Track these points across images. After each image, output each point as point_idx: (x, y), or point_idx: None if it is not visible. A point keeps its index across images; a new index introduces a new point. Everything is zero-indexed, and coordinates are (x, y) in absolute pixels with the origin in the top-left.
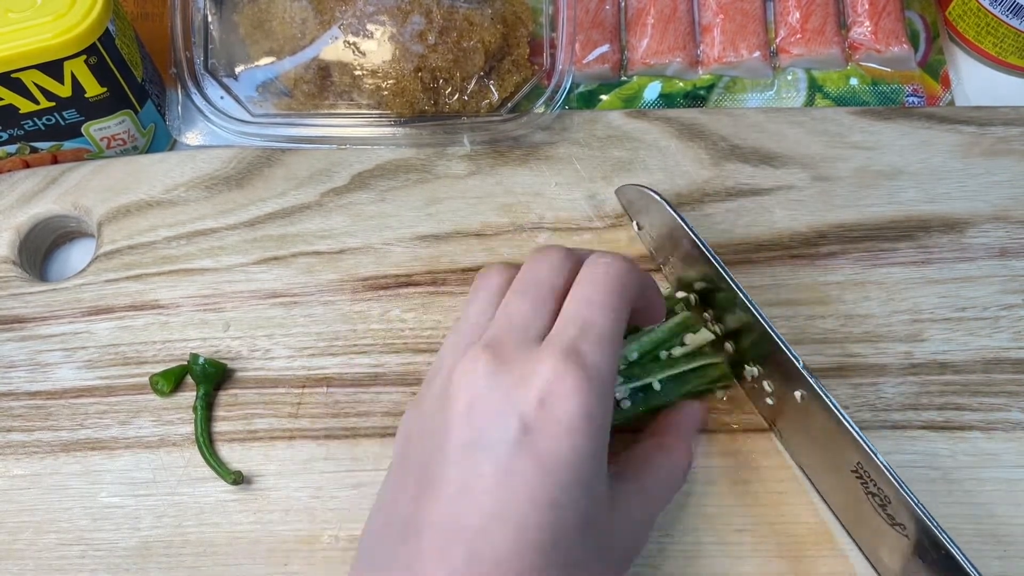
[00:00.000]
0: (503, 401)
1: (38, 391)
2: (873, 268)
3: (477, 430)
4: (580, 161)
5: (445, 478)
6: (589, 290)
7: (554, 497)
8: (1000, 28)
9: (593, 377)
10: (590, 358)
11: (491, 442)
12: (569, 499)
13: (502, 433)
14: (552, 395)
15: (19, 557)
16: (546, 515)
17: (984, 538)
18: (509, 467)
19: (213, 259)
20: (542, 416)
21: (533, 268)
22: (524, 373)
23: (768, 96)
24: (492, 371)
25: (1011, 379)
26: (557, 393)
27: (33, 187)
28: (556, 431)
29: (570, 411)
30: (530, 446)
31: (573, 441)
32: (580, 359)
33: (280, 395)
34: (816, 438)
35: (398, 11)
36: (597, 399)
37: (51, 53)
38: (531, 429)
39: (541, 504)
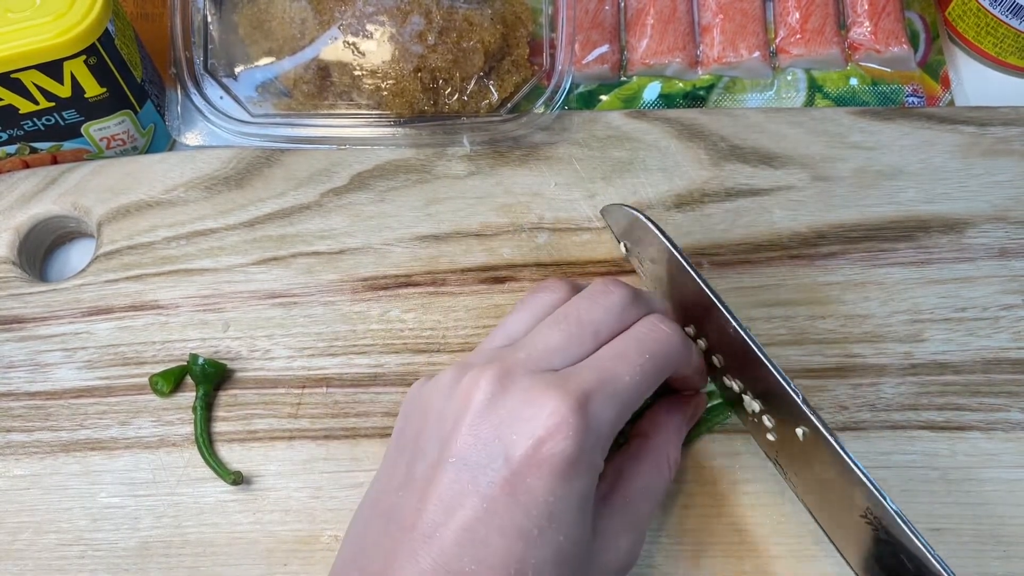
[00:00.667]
0: (499, 428)
1: (38, 391)
2: (873, 268)
3: (470, 448)
4: (580, 161)
5: (432, 483)
6: (628, 345)
7: (526, 532)
8: (1000, 28)
9: (592, 429)
10: (596, 409)
11: (478, 465)
12: (542, 536)
13: (491, 460)
14: (547, 437)
15: (19, 557)
16: (515, 546)
17: (984, 538)
18: (489, 495)
19: (213, 259)
20: (532, 454)
21: (586, 302)
22: (527, 403)
23: (768, 96)
24: (495, 391)
25: (1011, 379)
26: (552, 437)
27: (33, 187)
28: (541, 472)
29: (560, 456)
30: (513, 480)
31: (555, 485)
32: (586, 408)
33: (280, 395)
34: (820, 478)
35: (398, 11)
36: (590, 450)
37: (51, 53)
38: (519, 464)
39: (511, 536)
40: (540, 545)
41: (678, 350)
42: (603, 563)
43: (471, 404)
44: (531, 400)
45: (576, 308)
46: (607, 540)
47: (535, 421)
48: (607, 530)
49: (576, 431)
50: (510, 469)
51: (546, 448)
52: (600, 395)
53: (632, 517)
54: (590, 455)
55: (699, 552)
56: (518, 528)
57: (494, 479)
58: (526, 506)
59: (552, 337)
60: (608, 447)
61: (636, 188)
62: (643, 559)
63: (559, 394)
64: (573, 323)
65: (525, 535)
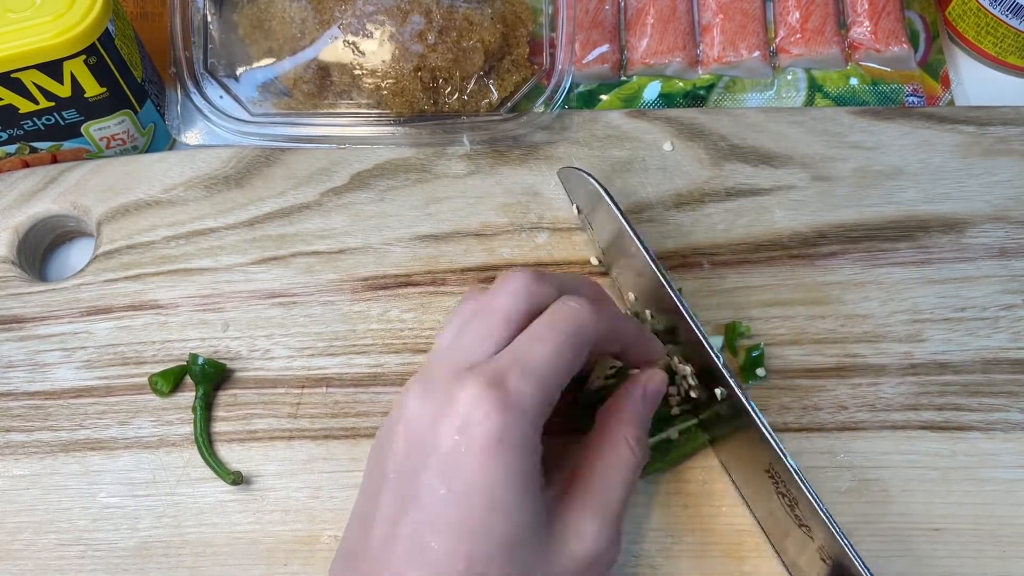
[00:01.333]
0: (426, 429)
1: (37, 391)
2: (873, 268)
3: (404, 459)
4: (580, 161)
5: (378, 506)
6: (541, 326)
7: (466, 525)
8: (1000, 28)
9: (512, 405)
10: (513, 385)
11: (412, 471)
12: (486, 527)
13: (422, 462)
14: (469, 422)
15: (18, 557)
16: (461, 544)
17: (983, 538)
18: (426, 497)
19: (212, 259)
20: (457, 442)
21: (492, 293)
22: (447, 400)
23: (768, 96)
24: (420, 398)
25: (1010, 379)
26: (473, 419)
27: (32, 187)
28: (469, 457)
29: (483, 436)
30: (445, 473)
31: (487, 468)
32: (502, 386)
33: (279, 395)
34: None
35: (397, 11)
36: (515, 426)
37: (50, 53)
38: (448, 457)
39: (456, 533)
40: (485, 537)
41: (590, 321)
42: (568, 550)
43: (401, 418)
44: (449, 396)
45: (486, 302)
46: (568, 525)
47: (454, 411)
48: (567, 515)
49: (495, 408)
50: (440, 463)
51: (470, 432)
52: (515, 372)
53: (595, 500)
54: (517, 431)
55: (700, 552)
56: (459, 524)
57: (427, 479)
58: (466, 498)
59: (468, 337)
60: (539, 425)
61: (636, 188)
62: (643, 559)
63: (472, 380)
64: (484, 315)
65: (468, 529)
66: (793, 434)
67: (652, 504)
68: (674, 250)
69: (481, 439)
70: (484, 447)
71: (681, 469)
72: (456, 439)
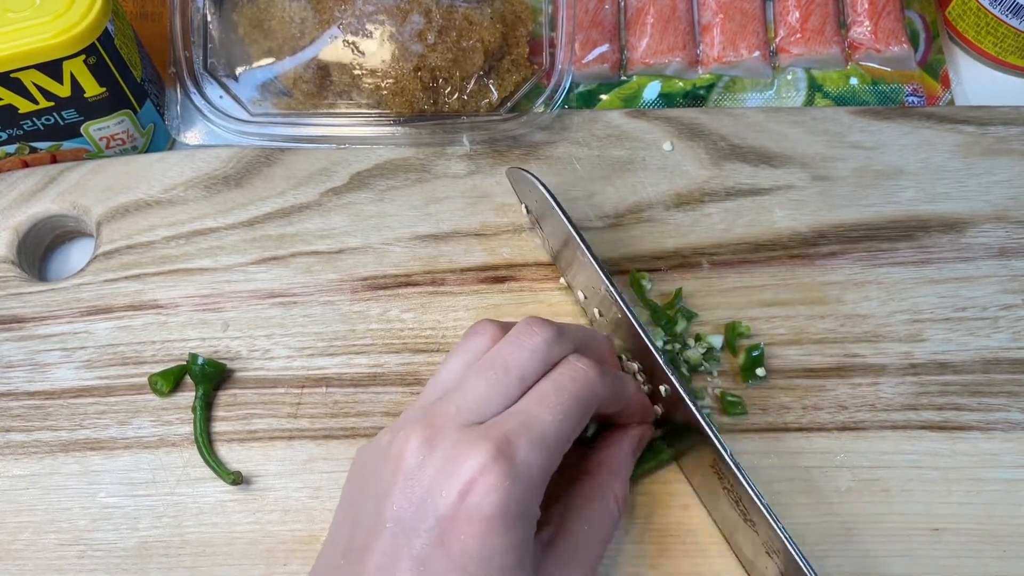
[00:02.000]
0: (428, 488)
1: (37, 391)
2: (873, 268)
3: (403, 511)
4: (579, 161)
5: (370, 550)
6: (549, 388)
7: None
8: (1000, 28)
9: (520, 475)
10: (521, 455)
11: (412, 528)
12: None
13: (422, 521)
14: (474, 488)
15: (18, 557)
16: None
17: (983, 538)
18: (423, 556)
19: (212, 259)
20: (461, 509)
21: (511, 347)
22: (453, 459)
23: (768, 96)
24: (423, 451)
25: (1010, 379)
26: (479, 487)
27: (32, 187)
28: (472, 527)
29: (489, 506)
30: (446, 539)
31: (488, 538)
32: (511, 454)
33: (279, 395)
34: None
35: (397, 10)
36: (519, 497)
37: (50, 53)
38: (449, 522)
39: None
40: None
41: (597, 386)
42: None
43: (401, 466)
44: (456, 455)
45: (502, 354)
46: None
47: (460, 475)
48: (553, 563)
49: (501, 479)
50: (442, 528)
51: (473, 500)
52: (523, 440)
53: (580, 557)
54: (521, 502)
55: (700, 552)
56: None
57: (427, 539)
58: (461, 563)
59: (479, 387)
60: (542, 491)
61: (636, 187)
62: (643, 559)
63: (482, 445)
64: (500, 370)
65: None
66: (793, 434)
67: (651, 505)
68: (674, 250)
69: (485, 510)
70: (486, 517)
71: (679, 469)
72: (458, 504)
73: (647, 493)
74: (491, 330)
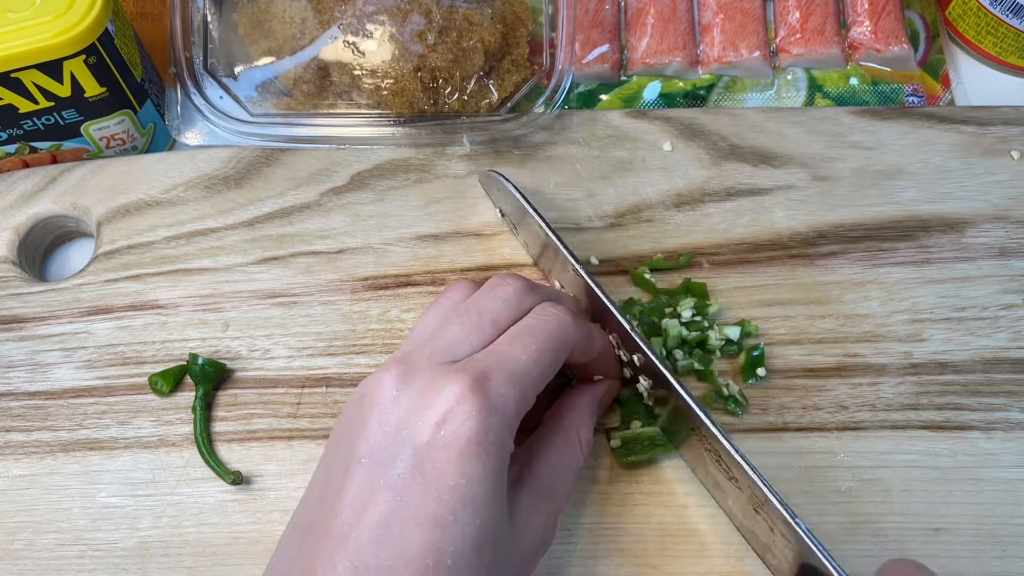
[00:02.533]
0: (404, 419)
1: (37, 391)
2: (873, 268)
3: (378, 444)
4: (580, 161)
5: (345, 487)
6: (522, 328)
7: (440, 519)
8: (1000, 28)
9: (495, 407)
10: (496, 388)
11: (387, 459)
12: (457, 522)
13: (398, 451)
14: (450, 418)
15: (18, 557)
16: (431, 536)
17: (984, 538)
18: (399, 486)
19: (212, 259)
20: (437, 438)
21: (483, 295)
22: (428, 392)
23: (768, 96)
24: (398, 386)
25: (1011, 379)
26: (455, 416)
27: (32, 187)
28: (446, 453)
29: (464, 435)
30: (422, 467)
31: (463, 466)
32: (487, 387)
33: (279, 395)
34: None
35: (398, 11)
36: (494, 428)
37: (50, 53)
38: (425, 450)
39: (426, 525)
40: (456, 531)
41: (570, 329)
42: (520, 543)
43: (376, 402)
44: (431, 388)
45: (475, 301)
46: (522, 520)
47: (436, 406)
48: (521, 510)
49: (477, 409)
50: (418, 457)
51: (449, 429)
52: (498, 375)
53: (545, 495)
54: (496, 433)
55: (701, 552)
56: (432, 516)
57: (403, 470)
58: (438, 492)
59: (452, 330)
60: (515, 427)
61: (636, 187)
62: (644, 559)
63: (458, 377)
64: (473, 315)
65: (440, 523)
66: (793, 434)
67: (651, 504)
68: (674, 250)
69: (461, 438)
70: (462, 446)
71: (679, 469)
72: (435, 434)
73: (647, 493)
74: (465, 286)
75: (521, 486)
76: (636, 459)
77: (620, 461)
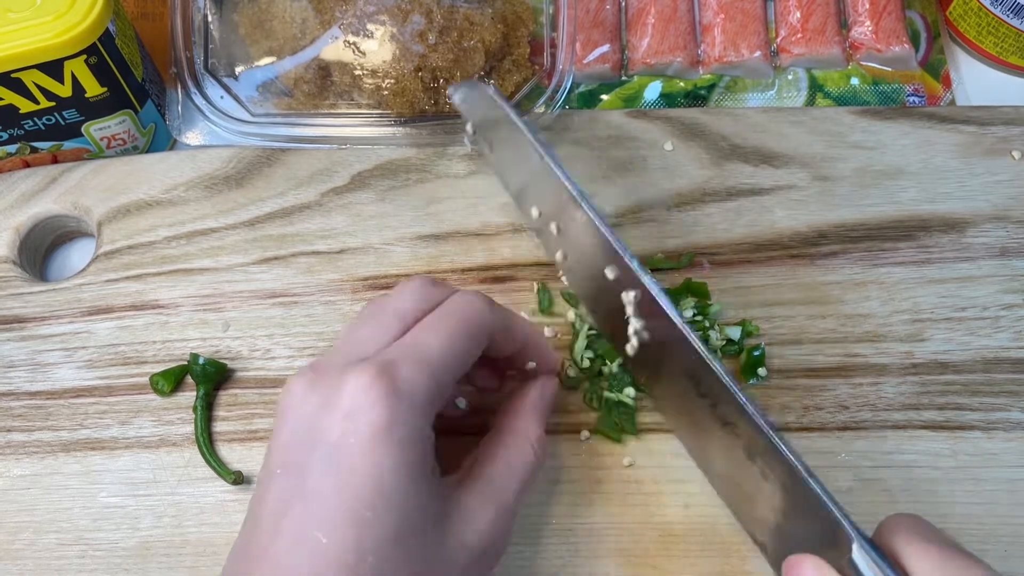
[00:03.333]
0: (311, 419)
1: (38, 391)
2: (873, 268)
3: (290, 452)
4: (580, 161)
5: (264, 502)
6: (434, 317)
7: (357, 514)
8: (1001, 28)
9: (402, 391)
10: (403, 373)
11: (299, 463)
12: (373, 515)
13: (310, 454)
14: (356, 408)
15: (18, 557)
16: (348, 533)
17: (985, 537)
18: (313, 489)
19: (213, 259)
20: (345, 430)
21: (390, 295)
22: (334, 390)
23: (769, 96)
24: (307, 389)
25: (1011, 379)
26: (360, 406)
27: (33, 187)
28: (357, 446)
29: (371, 423)
30: (331, 463)
31: (374, 455)
32: (392, 374)
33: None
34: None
35: (398, 11)
36: (403, 414)
37: (51, 53)
38: (336, 447)
39: (341, 524)
40: (374, 525)
41: (483, 313)
42: (461, 540)
43: (286, 411)
44: (339, 384)
45: (381, 302)
46: (464, 516)
47: (342, 400)
48: (464, 507)
49: (383, 395)
50: (329, 455)
51: (357, 419)
52: (406, 361)
53: (492, 494)
54: (407, 419)
55: (701, 552)
56: (347, 514)
57: (318, 471)
58: (354, 487)
59: (360, 330)
60: (430, 414)
61: (637, 187)
62: (643, 560)
63: (362, 368)
64: (378, 313)
65: (356, 518)
66: (794, 434)
67: (651, 504)
68: (675, 250)
69: (369, 427)
70: (372, 435)
71: (680, 469)
72: (343, 428)
73: (647, 493)
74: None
75: (467, 484)
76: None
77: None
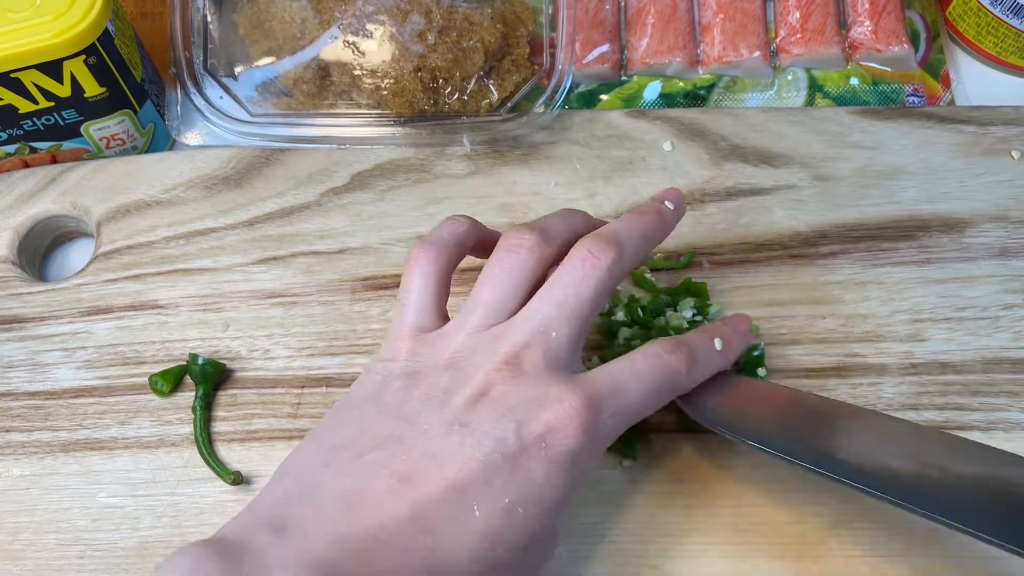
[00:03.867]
0: (516, 408)
1: (37, 391)
2: (873, 268)
3: (479, 418)
4: (580, 161)
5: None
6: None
7: (511, 509)
8: (1000, 28)
9: (598, 433)
10: (605, 416)
11: (483, 435)
12: (524, 519)
13: (502, 433)
14: (560, 428)
15: (18, 557)
16: (496, 519)
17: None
18: (490, 463)
19: (212, 259)
20: (542, 439)
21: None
22: (546, 395)
23: (768, 96)
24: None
25: (1011, 379)
26: (564, 428)
27: (32, 187)
28: (545, 459)
29: (567, 449)
30: (518, 457)
31: (553, 475)
32: (597, 412)
33: (279, 395)
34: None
35: (398, 11)
36: (588, 452)
37: (50, 53)
38: (528, 444)
39: (496, 508)
40: (519, 526)
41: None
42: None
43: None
44: (549, 391)
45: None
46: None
47: (551, 411)
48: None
49: (586, 430)
50: (520, 446)
51: (556, 437)
52: (611, 403)
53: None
54: (588, 456)
55: (701, 552)
56: (506, 504)
57: (501, 450)
58: (521, 486)
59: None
60: (602, 456)
61: (636, 187)
62: (644, 559)
63: (577, 393)
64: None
65: (510, 512)
66: None
67: (651, 504)
68: (675, 250)
69: (561, 451)
70: (559, 458)
71: (680, 469)
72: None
73: (647, 493)
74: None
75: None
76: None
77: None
